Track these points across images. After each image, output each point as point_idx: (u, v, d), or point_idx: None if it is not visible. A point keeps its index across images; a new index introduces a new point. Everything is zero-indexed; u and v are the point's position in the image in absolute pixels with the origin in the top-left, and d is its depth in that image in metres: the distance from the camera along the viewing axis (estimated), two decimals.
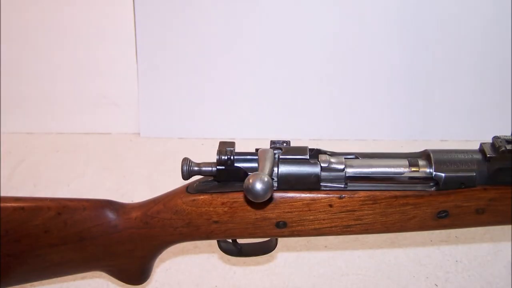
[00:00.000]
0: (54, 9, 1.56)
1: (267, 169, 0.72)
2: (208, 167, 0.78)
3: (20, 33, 1.59)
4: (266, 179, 0.68)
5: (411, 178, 0.80)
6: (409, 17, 1.54)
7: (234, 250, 0.88)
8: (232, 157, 0.77)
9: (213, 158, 0.82)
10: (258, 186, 0.67)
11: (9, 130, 1.66)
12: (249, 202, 0.78)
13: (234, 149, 0.78)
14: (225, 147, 0.78)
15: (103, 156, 1.56)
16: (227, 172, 0.78)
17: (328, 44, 1.57)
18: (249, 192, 0.68)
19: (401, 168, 0.79)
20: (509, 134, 0.79)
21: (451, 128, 1.64)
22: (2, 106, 1.65)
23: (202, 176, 0.81)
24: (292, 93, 1.62)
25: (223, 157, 0.77)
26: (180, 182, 0.81)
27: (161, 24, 1.56)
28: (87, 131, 1.67)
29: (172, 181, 0.85)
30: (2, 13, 1.56)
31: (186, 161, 0.78)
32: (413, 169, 0.78)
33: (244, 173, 0.78)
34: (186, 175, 0.78)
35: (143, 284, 0.91)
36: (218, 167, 0.78)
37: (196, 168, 0.78)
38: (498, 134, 0.80)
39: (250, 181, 0.68)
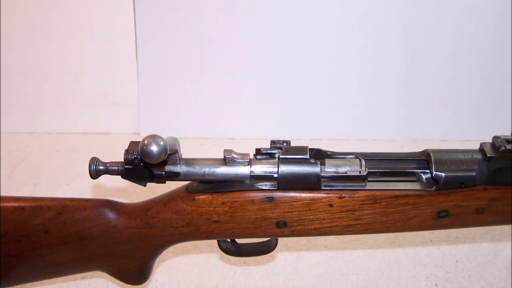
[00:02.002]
0: (54, 9, 1.56)
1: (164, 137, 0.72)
2: (115, 166, 0.79)
3: (20, 33, 1.59)
4: (162, 142, 0.69)
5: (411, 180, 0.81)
6: (409, 17, 1.54)
7: (234, 250, 0.89)
8: (139, 157, 0.76)
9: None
10: (154, 147, 0.68)
11: (9, 130, 1.66)
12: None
13: None
14: (134, 146, 0.78)
15: (103, 156, 1.56)
16: (134, 172, 0.78)
17: (328, 44, 1.57)
18: (143, 152, 0.69)
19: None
20: (509, 133, 0.79)
21: (451, 128, 1.64)
22: (2, 106, 1.65)
23: None
24: (292, 93, 1.62)
25: (129, 157, 0.77)
26: (180, 182, 0.81)
27: (161, 24, 1.56)
28: (87, 131, 1.67)
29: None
30: (2, 13, 1.56)
31: (93, 160, 0.79)
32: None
33: (151, 173, 0.78)
34: (93, 175, 0.78)
35: (143, 284, 0.91)
36: (125, 166, 0.78)
37: (102, 168, 0.79)
38: (498, 134, 0.80)
39: (146, 142, 0.69)
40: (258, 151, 0.79)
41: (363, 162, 0.78)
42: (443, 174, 0.78)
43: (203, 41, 1.57)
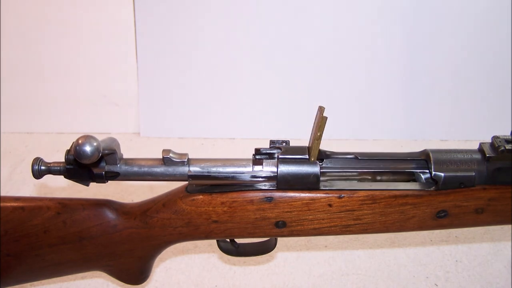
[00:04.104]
0: (54, 9, 1.56)
1: (100, 139, 0.73)
2: (57, 166, 0.79)
3: (20, 33, 1.59)
4: (95, 142, 0.69)
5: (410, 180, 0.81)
6: (409, 17, 1.54)
7: (234, 250, 0.89)
8: None
9: (213, 157, 0.82)
10: (87, 147, 0.69)
11: (9, 130, 1.66)
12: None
13: None
14: None
15: None
16: (76, 171, 0.78)
17: (328, 44, 1.57)
18: (76, 152, 0.69)
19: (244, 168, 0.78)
20: (509, 133, 0.79)
21: (451, 128, 1.64)
22: (2, 106, 1.65)
23: None
24: (292, 93, 1.62)
25: (70, 157, 0.77)
26: (180, 182, 0.81)
27: (161, 24, 1.56)
28: (87, 131, 1.66)
29: None
30: (2, 13, 1.56)
31: (36, 160, 0.79)
32: (255, 168, 0.78)
33: (91, 172, 0.78)
34: (36, 175, 0.79)
35: (142, 284, 0.91)
36: (67, 166, 0.78)
37: (45, 168, 0.79)
38: (497, 134, 0.80)
39: (80, 141, 0.69)
40: (258, 151, 0.79)
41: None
42: (442, 174, 0.78)
43: (203, 41, 1.57)
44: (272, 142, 0.80)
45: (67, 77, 1.63)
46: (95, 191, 1.40)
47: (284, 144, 0.80)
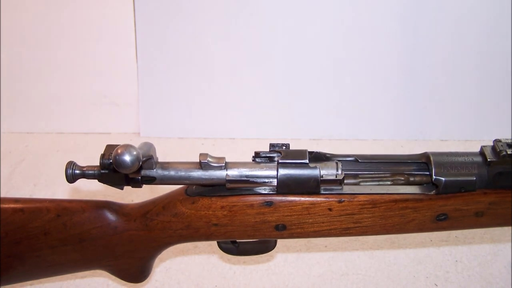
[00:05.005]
0: (54, 9, 1.56)
1: (137, 145, 0.72)
2: (92, 170, 0.78)
3: (20, 33, 1.58)
4: (135, 152, 0.68)
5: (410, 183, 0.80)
6: (409, 17, 1.54)
7: (234, 249, 0.89)
8: None
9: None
10: (127, 157, 0.68)
11: (9, 130, 1.66)
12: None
13: None
14: (110, 150, 0.76)
15: None
16: (110, 176, 0.77)
17: (328, 44, 1.57)
18: (116, 162, 0.68)
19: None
20: (509, 136, 0.79)
21: (451, 128, 1.63)
22: (2, 106, 1.65)
23: None
24: (292, 93, 1.62)
25: (105, 161, 0.76)
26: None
27: (161, 24, 1.56)
28: (87, 131, 1.67)
29: None
30: (2, 13, 1.56)
31: (70, 164, 0.78)
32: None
33: (126, 177, 0.77)
34: (70, 179, 0.78)
35: (143, 283, 0.91)
36: (101, 171, 0.77)
37: (79, 172, 0.78)
38: (498, 135, 0.80)
39: (119, 151, 0.68)
40: (257, 155, 0.79)
41: (340, 165, 0.77)
42: (443, 179, 0.77)
43: (203, 41, 1.57)
44: (272, 145, 0.80)
45: (67, 77, 1.63)
46: (95, 191, 1.40)
47: (284, 147, 0.79)
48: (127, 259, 0.85)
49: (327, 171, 0.77)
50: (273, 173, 0.77)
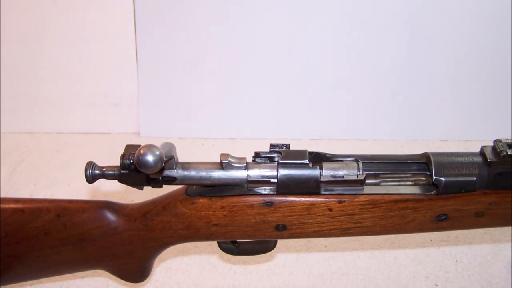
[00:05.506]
0: (54, 9, 1.56)
1: (159, 145, 0.71)
2: (111, 171, 0.77)
3: (20, 33, 1.58)
4: (158, 152, 0.68)
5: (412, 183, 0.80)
6: (409, 17, 1.54)
7: (234, 249, 0.89)
8: None
9: (213, 157, 0.82)
10: (150, 158, 0.68)
11: (9, 130, 1.66)
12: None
13: None
14: (130, 151, 0.76)
15: (103, 156, 1.56)
16: (131, 176, 0.77)
17: (328, 45, 1.57)
18: (139, 163, 0.68)
19: None
20: (509, 136, 0.79)
21: (451, 128, 1.63)
22: (2, 106, 1.65)
23: None
24: (292, 93, 1.62)
25: (126, 161, 0.76)
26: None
27: (161, 24, 1.56)
28: (87, 131, 1.67)
29: None
30: (2, 13, 1.56)
31: (89, 165, 0.77)
32: None
33: (147, 177, 0.77)
34: (90, 179, 0.77)
35: (143, 283, 0.91)
36: (122, 171, 0.77)
37: (99, 172, 0.77)
38: (498, 135, 0.80)
39: (142, 151, 0.68)
40: (257, 155, 0.79)
41: (361, 165, 0.78)
42: (443, 179, 0.77)
43: (203, 41, 1.57)
44: (272, 145, 0.80)
45: (67, 77, 1.63)
46: (95, 190, 1.40)
47: (284, 147, 0.79)
48: (127, 259, 0.85)
49: (348, 171, 0.77)
50: (273, 173, 0.77)
